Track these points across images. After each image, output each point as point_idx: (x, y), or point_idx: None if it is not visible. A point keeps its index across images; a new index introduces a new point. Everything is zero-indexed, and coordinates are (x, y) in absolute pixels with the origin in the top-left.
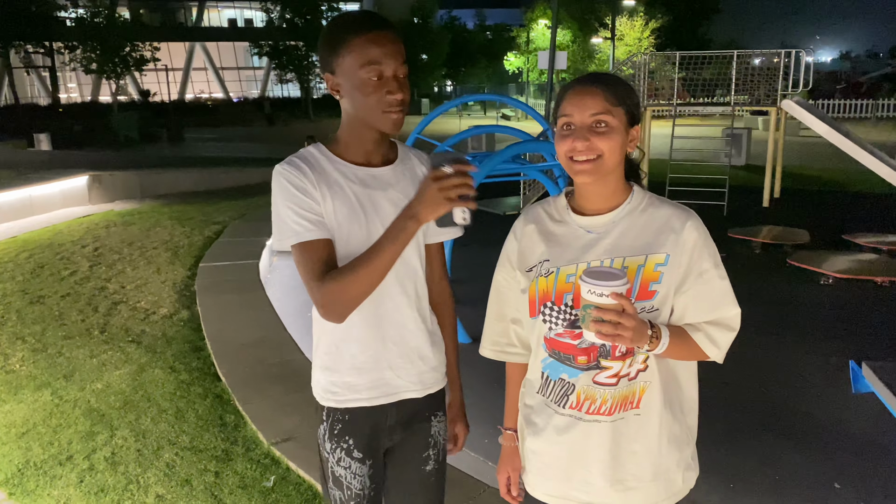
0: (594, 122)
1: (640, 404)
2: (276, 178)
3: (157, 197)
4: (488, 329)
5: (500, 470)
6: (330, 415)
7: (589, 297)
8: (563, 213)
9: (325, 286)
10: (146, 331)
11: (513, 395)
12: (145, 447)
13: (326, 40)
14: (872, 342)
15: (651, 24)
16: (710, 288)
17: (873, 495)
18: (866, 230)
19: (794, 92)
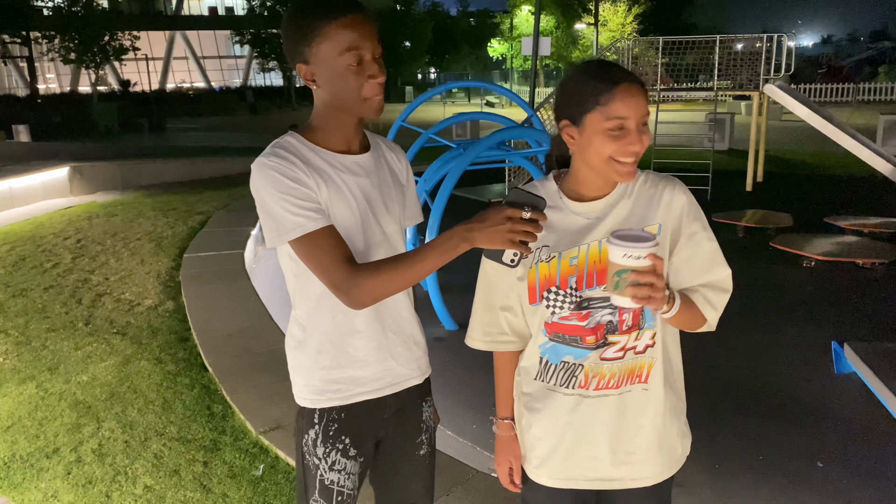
0: (642, 124)
1: (649, 379)
2: (262, 171)
3: (139, 188)
4: (477, 320)
5: (500, 460)
6: (323, 416)
7: (626, 262)
8: (555, 199)
9: (359, 277)
10: (131, 322)
11: (506, 384)
12: (132, 438)
13: (295, 29)
14: (854, 323)
15: (634, 10)
16: (702, 250)
17: (856, 473)
18: (848, 213)
19: (776, 76)
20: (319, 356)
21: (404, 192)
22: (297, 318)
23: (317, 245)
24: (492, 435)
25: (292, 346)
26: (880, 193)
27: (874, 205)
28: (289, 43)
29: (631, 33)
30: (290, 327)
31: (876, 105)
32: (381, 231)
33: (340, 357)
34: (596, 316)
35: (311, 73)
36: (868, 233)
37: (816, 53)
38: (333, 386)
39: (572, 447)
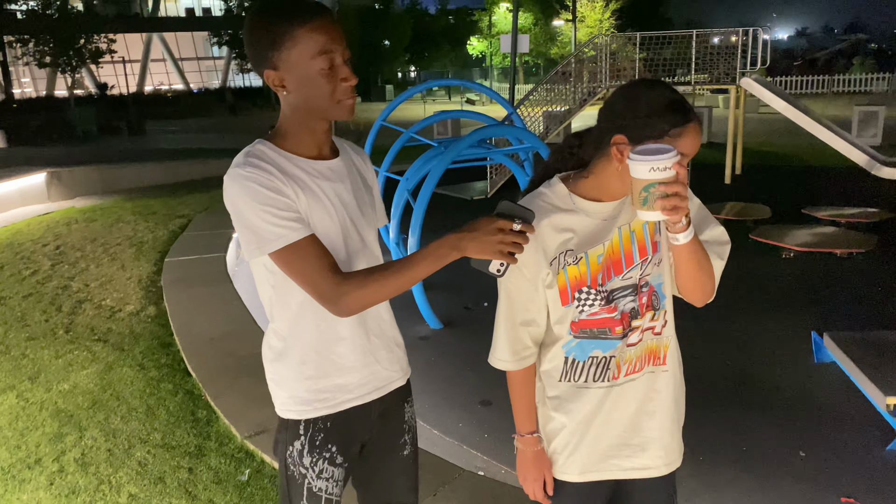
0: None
1: (667, 360)
2: (238, 182)
3: (118, 192)
4: (503, 338)
5: (533, 477)
6: (309, 426)
7: (653, 175)
8: (567, 202)
9: (347, 286)
10: (112, 329)
11: (528, 399)
12: (116, 446)
13: (262, 34)
14: (833, 313)
15: (611, 6)
16: (695, 216)
17: (837, 461)
18: (825, 204)
19: (753, 70)
20: (303, 366)
21: (373, 194)
22: (275, 329)
23: (300, 255)
24: (479, 434)
25: (272, 359)
26: (856, 184)
27: (850, 195)
28: (255, 48)
29: (609, 29)
30: (268, 339)
31: (850, 96)
32: (361, 239)
33: (326, 365)
34: (621, 305)
35: (281, 79)
36: (845, 223)
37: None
38: (320, 395)
39: (602, 436)
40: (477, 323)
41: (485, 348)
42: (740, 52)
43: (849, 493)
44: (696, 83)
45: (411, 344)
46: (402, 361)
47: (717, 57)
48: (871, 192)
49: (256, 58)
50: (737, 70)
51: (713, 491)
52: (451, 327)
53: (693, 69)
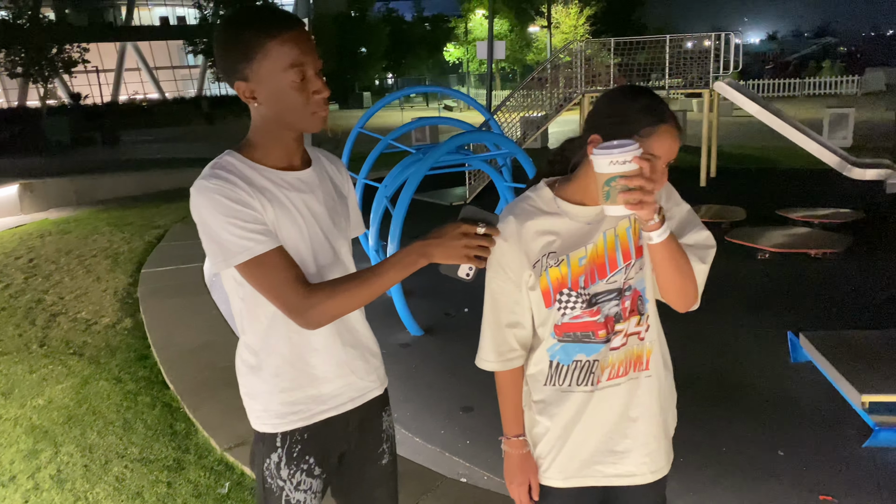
0: (666, 164)
1: (650, 365)
2: (203, 194)
3: (93, 203)
4: (489, 340)
5: (520, 480)
6: (286, 439)
7: (613, 169)
8: (551, 205)
9: (315, 297)
10: (88, 342)
11: (514, 402)
12: (92, 462)
13: (232, 46)
14: (808, 313)
15: (586, 12)
16: (679, 219)
17: (815, 460)
18: (799, 205)
19: (725, 74)
20: (277, 379)
21: (347, 203)
22: (247, 342)
23: (267, 268)
24: (461, 440)
25: (245, 372)
26: (828, 184)
27: (823, 196)
28: (225, 60)
29: (583, 35)
30: (240, 352)
31: (821, 99)
32: (333, 251)
33: (300, 377)
34: (605, 309)
35: (252, 91)
36: (818, 223)
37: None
38: (295, 407)
39: (586, 441)
40: (458, 329)
41: (466, 354)
42: (713, 57)
43: (827, 490)
44: (671, 87)
45: (392, 351)
46: (379, 371)
47: (691, 61)
48: (842, 193)
49: (227, 69)
50: (710, 74)
51: (693, 493)
52: (431, 334)
53: (667, 74)
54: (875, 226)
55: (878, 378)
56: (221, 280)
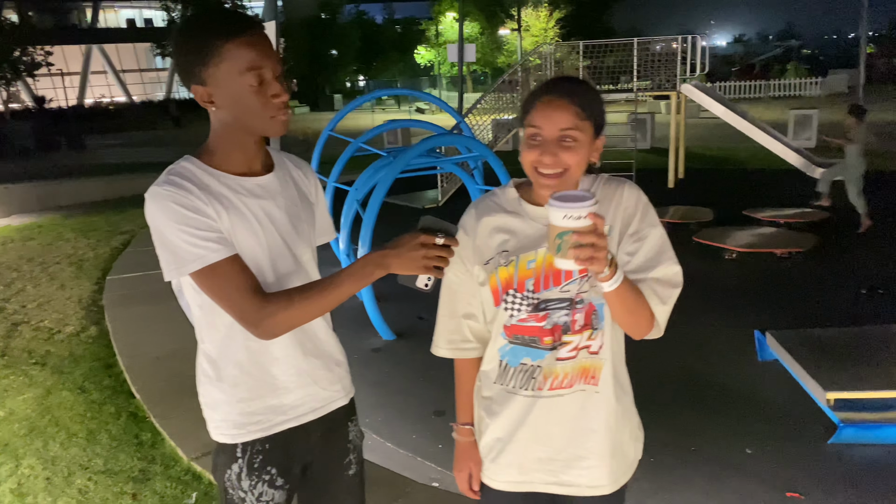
0: (562, 137)
1: (599, 381)
2: (156, 201)
3: (57, 209)
4: (442, 328)
5: (461, 466)
6: (247, 449)
7: (566, 223)
8: (515, 205)
9: (269, 308)
10: (51, 351)
11: (466, 390)
12: (55, 475)
13: (189, 49)
14: (775, 312)
15: (556, 15)
16: (647, 245)
17: (783, 457)
18: (765, 205)
19: (693, 76)
20: (235, 389)
21: (314, 209)
22: (206, 351)
23: (220, 276)
24: (433, 445)
25: (204, 382)
26: (793, 185)
27: (788, 196)
28: (182, 63)
29: (553, 38)
30: (200, 362)
31: (785, 100)
32: (295, 260)
33: (258, 388)
34: (553, 317)
35: (209, 95)
36: (784, 223)
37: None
38: (254, 418)
39: (528, 448)
40: (430, 333)
41: (438, 358)
42: (680, 59)
43: (794, 487)
44: (639, 90)
45: (364, 356)
46: (345, 380)
47: (659, 64)
48: (807, 193)
49: (185, 73)
50: (677, 76)
51: (664, 492)
52: (403, 338)
53: (635, 76)
54: (838, 225)
55: (843, 376)
56: (182, 286)
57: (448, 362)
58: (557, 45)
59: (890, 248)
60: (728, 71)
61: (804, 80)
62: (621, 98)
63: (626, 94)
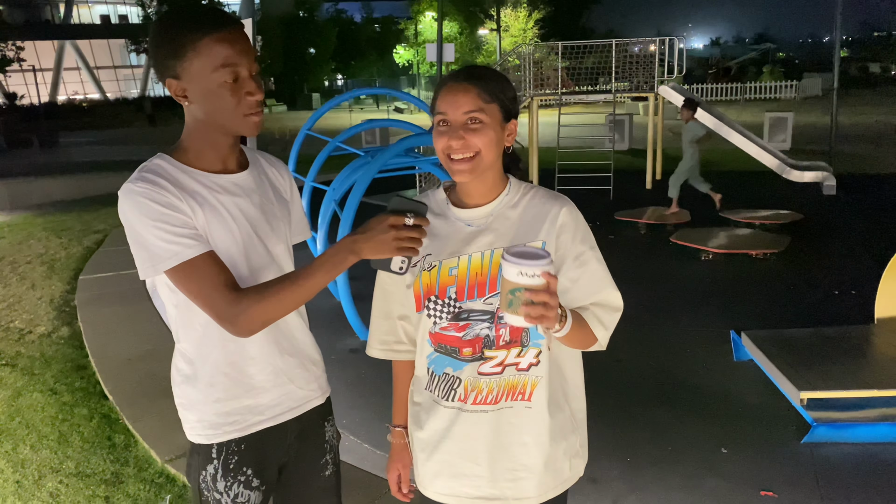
0: (468, 120)
1: (532, 398)
2: (130, 198)
3: (28, 207)
4: (375, 328)
5: (391, 468)
6: (222, 450)
7: (520, 280)
8: (442, 207)
9: (244, 303)
10: (21, 352)
11: (401, 392)
12: (24, 478)
13: (165, 42)
14: (750, 312)
15: (535, 15)
16: (590, 271)
17: (757, 456)
18: (740, 207)
19: (670, 78)
20: (211, 389)
21: (289, 208)
22: (182, 351)
23: (195, 273)
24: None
25: (179, 382)
26: (769, 186)
27: (763, 198)
28: (157, 56)
29: (532, 38)
30: (176, 362)
31: (761, 103)
32: (268, 253)
33: (234, 387)
34: (475, 328)
35: (182, 89)
36: (759, 225)
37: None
38: (230, 418)
39: (453, 462)
40: None
41: None
42: (658, 61)
43: (768, 486)
44: (617, 91)
45: (341, 357)
46: (321, 380)
47: (637, 65)
48: (782, 195)
49: (159, 66)
50: (655, 78)
51: (638, 491)
52: None
53: (613, 77)
54: (812, 227)
55: (816, 375)
56: (157, 287)
57: None
58: (536, 46)
59: (861, 249)
60: (705, 73)
61: (780, 83)
62: (600, 99)
63: (605, 96)
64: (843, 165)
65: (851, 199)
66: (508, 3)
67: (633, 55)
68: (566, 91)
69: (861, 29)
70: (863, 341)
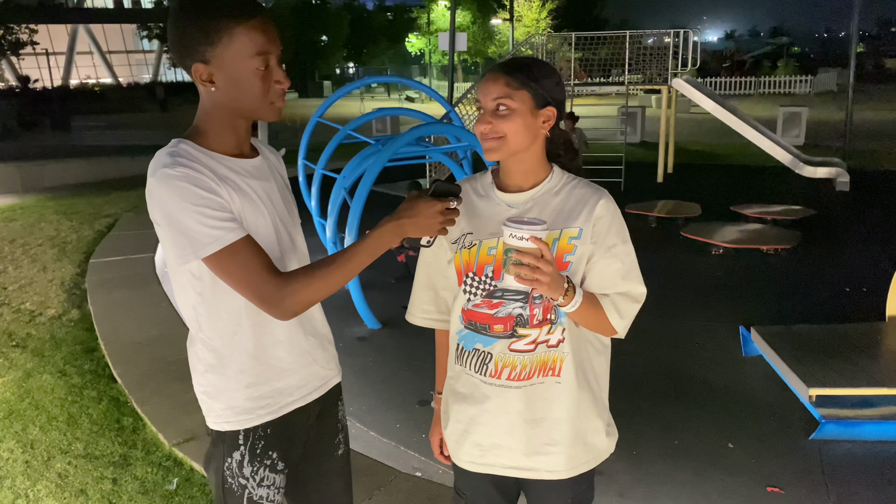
0: (496, 106)
1: (561, 373)
2: (168, 183)
3: (40, 190)
4: (416, 298)
5: (434, 432)
6: (249, 435)
7: (510, 241)
8: (487, 189)
9: (293, 285)
10: (32, 334)
11: (443, 360)
12: (34, 458)
13: (195, 26)
14: (759, 308)
15: (548, 5)
16: (618, 262)
17: (763, 452)
18: (752, 201)
19: (684, 71)
20: (242, 375)
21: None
22: (205, 340)
23: (237, 258)
24: (416, 434)
25: (203, 371)
26: (781, 182)
27: (776, 193)
28: (184, 40)
29: (545, 29)
30: (197, 351)
31: (775, 97)
32: (290, 239)
33: (265, 371)
34: (507, 307)
35: (210, 74)
36: (771, 220)
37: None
38: (262, 402)
39: (485, 435)
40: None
41: (423, 347)
42: (672, 54)
43: (775, 482)
44: (630, 83)
45: (349, 345)
46: (336, 359)
47: (650, 58)
48: (794, 190)
49: (185, 50)
50: (668, 71)
51: (645, 485)
52: (389, 327)
53: (626, 69)
54: (824, 223)
55: (825, 372)
56: (176, 272)
57: (431, 353)
58: (549, 37)
59: (874, 247)
60: (719, 67)
61: (794, 77)
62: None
63: (617, 88)
64: (858, 161)
65: (865, 196)
66: None
67: (646, 47)
68: (578, 82)
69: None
70: (873, 339)
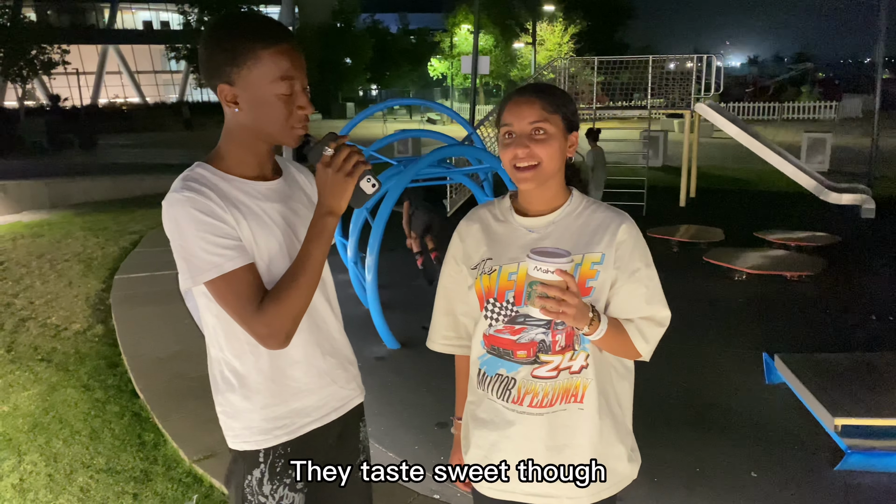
0: (533, 130)
1: (584, 399)
2: (176, 208)
3: (68, 206)
4: (437, 324)
5: (453, 458)
6: (269, 454)
7: (535, 274)
8: (506, 214)
9: (266, 312)
10: (57, 348)
11: (463, 386)
12: (57, 471)
13: (223, 48)
14: (783, 335)
15: (570, 30)
16: (643, 287)
17: (787, 482)
18: (776, 227)
19: (707, 95)
20: (259, 396)
21: None
22: (224, 360)
23: (233, 286)
24: (435, 456)
25: (224, 390)
26: (805, 208)
27: (800, 219)
28: (212, 60)
29: (567, 53)
30: (217, 369)
31: (799, 123)
32: None
33: (282, 392)
34: (530, 333)
35: (234, 95)
36: (795, 246)
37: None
38: (279, 422)
39: (508, 462)
40: None
41: (442, 369)
42: (695, 78)
43: None
44: (653, 107)
45: (368, 364)
46: (358, 379)
47: (673, 82)
48: (818, 217)
49: (212, 71)
50: (691, 95)
51: None
52: (408, 347)
53: (649, 93)
54: (849, 250)
55: (851, 401)
56: (193, 292)
57: (450, 373)
58: (572, 60)
59: None
60: (742, 92)
61: (819, 103)
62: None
63: (640, 112)
64: (884, 188)
65: (891, 223)
66: (544, 17)
67: (669, 71)
68: (601, 106)
69: None
70: None
